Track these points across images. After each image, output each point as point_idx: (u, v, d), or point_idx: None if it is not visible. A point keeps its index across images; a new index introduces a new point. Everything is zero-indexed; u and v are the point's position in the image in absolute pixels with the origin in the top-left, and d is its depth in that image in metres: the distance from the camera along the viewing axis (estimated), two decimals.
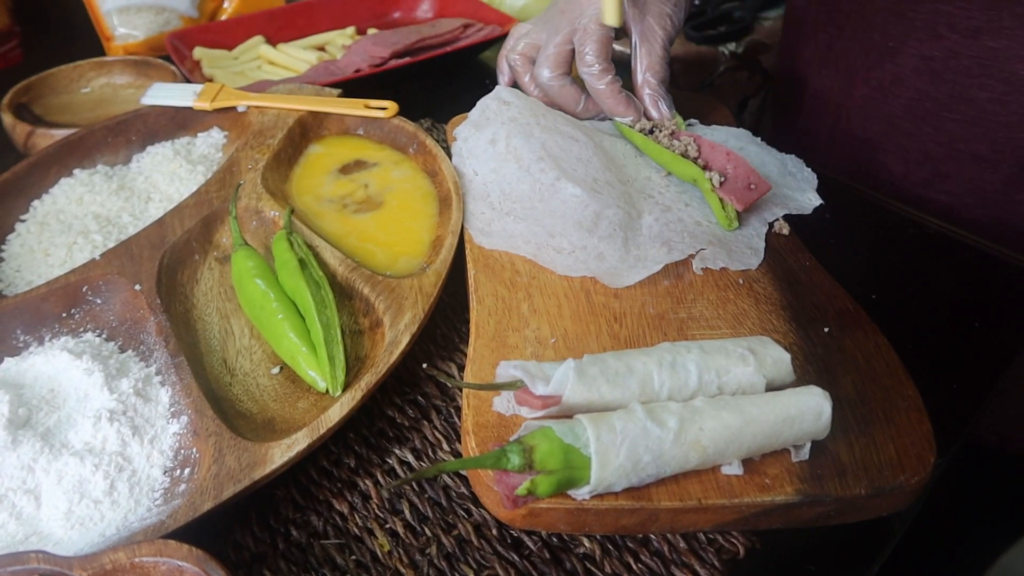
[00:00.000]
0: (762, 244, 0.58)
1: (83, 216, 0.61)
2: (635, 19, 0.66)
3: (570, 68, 0.67)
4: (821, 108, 0.82)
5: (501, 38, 0.89)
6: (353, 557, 0.44)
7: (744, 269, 0.56)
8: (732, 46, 1.06)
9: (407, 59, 0.84)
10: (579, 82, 0.68)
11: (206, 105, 0.69)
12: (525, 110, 0.65)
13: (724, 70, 1.05)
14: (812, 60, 0.82)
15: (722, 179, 0.59)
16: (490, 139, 0.63)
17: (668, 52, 0.67)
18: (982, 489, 0.84)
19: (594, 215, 0.57)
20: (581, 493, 0.40)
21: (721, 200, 0.59)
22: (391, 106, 0.68)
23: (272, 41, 0.91)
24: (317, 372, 0.49)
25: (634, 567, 0.44)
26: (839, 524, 0.44)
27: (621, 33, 0.66)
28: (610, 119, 0.68)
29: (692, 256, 0.56)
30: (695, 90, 1.02)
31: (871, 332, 0.52)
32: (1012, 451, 0.82)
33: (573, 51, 0.66)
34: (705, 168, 0.60)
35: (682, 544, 0.45)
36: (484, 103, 0.67)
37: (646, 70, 0.65)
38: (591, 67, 0.64)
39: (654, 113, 0.66)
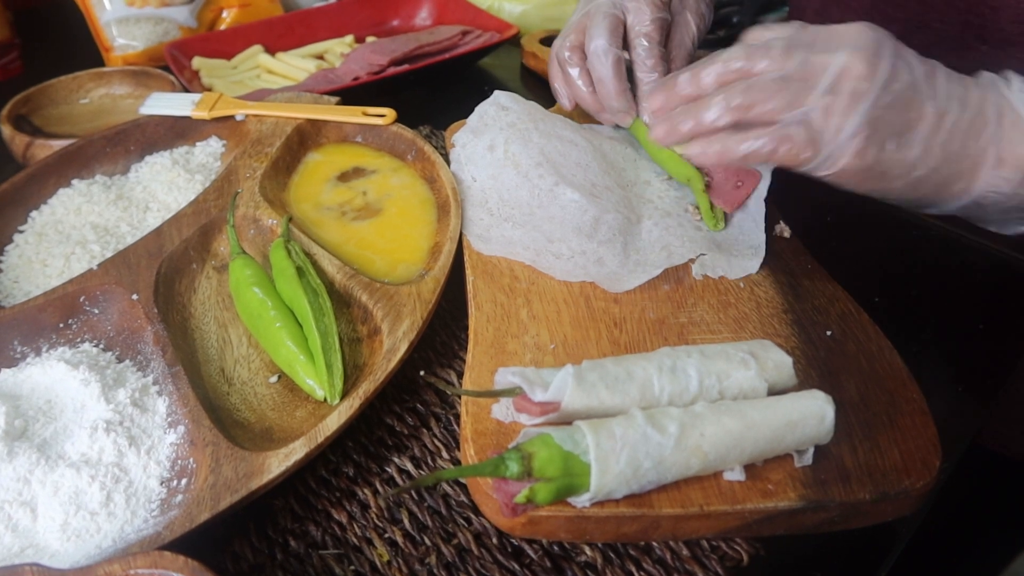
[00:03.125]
0: (762, 249, 0.57)
1: (81, 226, 0.61)
2: (676, 9, 0.65)
3: (623, 43, 0.63)
4: None
5: (500, 44, 0.89)
6: (352, 567, 0.44)
7: (743, 276, 0.55)
8: None
9: (406, 66, 0.84)
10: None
11: (204, 114, 0.69)
12: (523, 115, 0.65)
13: None
14: None
15: (708, 180, 0.59)
16: (488, 145, 0.63)
17: (695, 47, 0.66)
18: (990, 493, 0.83)
19: (593, 220, 0.57)
20: (581, 500, 0.40)
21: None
22: (389, 113, 0.68)
23: (271, 50, 0.91)
24: (315, 380, 0.48)
25: (636, 575, 0.43)
26: (844, 530, 0.43)
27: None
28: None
29: (692, 261, 0.56)
30: None
31: (874, 335, 0.52)
32: (1019, 457, 0.81)
33: (624, 25, 0.63)
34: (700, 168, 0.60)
35: (685, 551, 0.44)
36: (482, 109, 0.67)
37: (673, 59, 0.64)
38: (648, 51, 0.62)
39: None
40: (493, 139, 0.63)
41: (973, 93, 0.48)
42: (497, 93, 0.68)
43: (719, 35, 1.06)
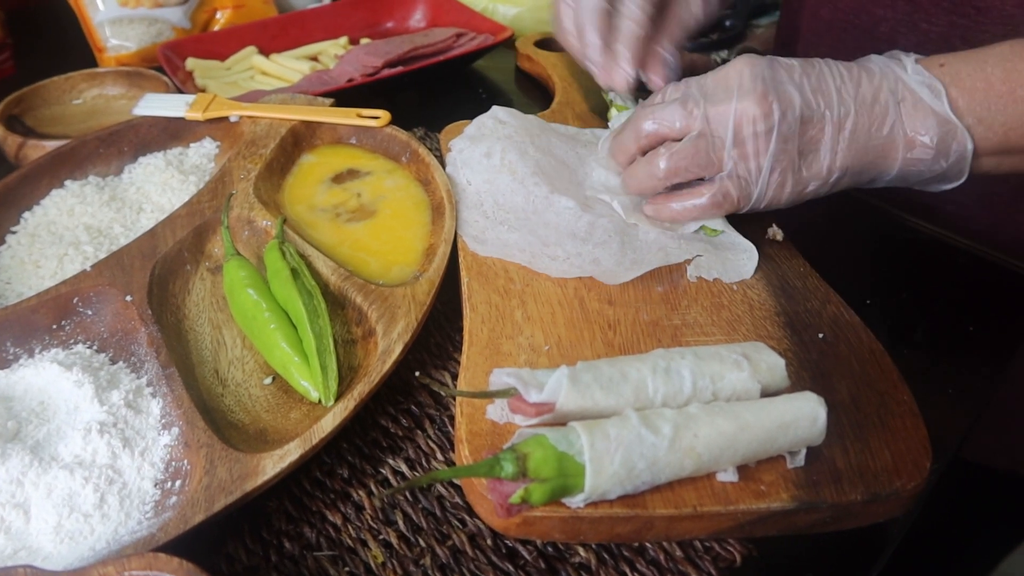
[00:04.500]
0: (754, 252, 0.57)
1: (74, 227, 0.61)
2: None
3: None
4: None
5: (494, 47, 0.89)
6: (347, 569, 0.44)
7: (738, 280, 0.56)
8: (724, 54, 1.06)
9: (400, 68, 0.84)
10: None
11: (198, 115, 0.69)
12: (520, 130, 0.66)
13: None
14: None
15: None
16: (485, 152, 0.63)
17: (689, 33, 0.66)
18: (981, 494, 0.84)
19: (588, 225, 0.57)
20: (575, 501, 0.40)
21: None
22: (384, 115, 0.68)
23: (265, 51, 0.90)
24: (309, 382, 0.49)
25: None
26: (836, 531, 0.44)
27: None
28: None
29: (688, 262, 0.56)
30: None
31: (866, 337, 0.52)
32: (1003, 469, 0.81)
33: None
34: None
35: (678, 552, 0.44)
36: (480, 121, 0.68)
37: (666, 32, 0.65)
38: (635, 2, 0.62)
39: (656, 76, 0.64)
40: (490, 147, 0.63)
41: (865, 87, 0.51)
42: (495, 108, 0.69)
43: (712, 38, 1.06)
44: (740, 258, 0.57)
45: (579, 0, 0.64)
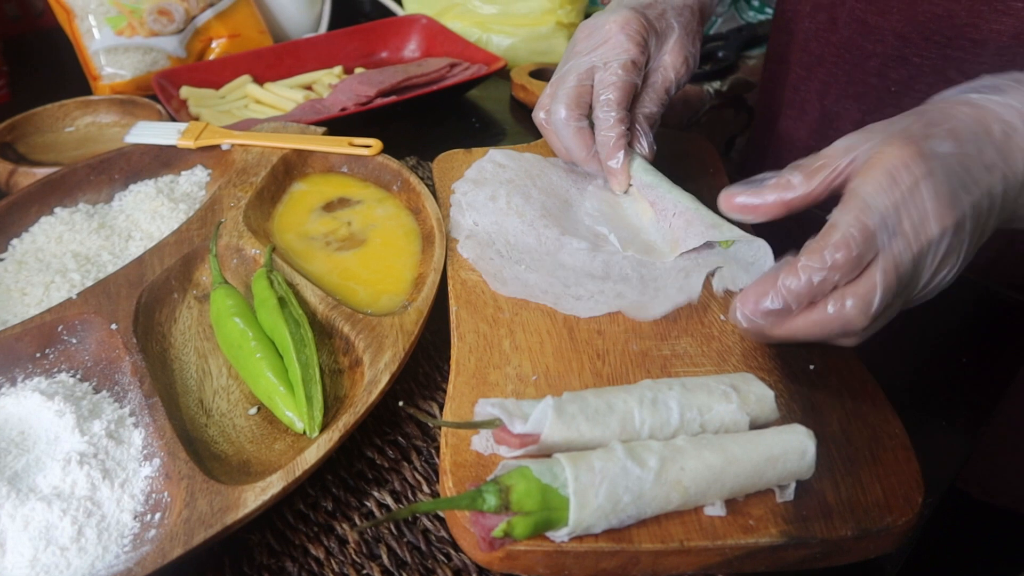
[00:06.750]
0: (767, 246, 0.56)
1: (62, 255, 0.61)
2: (652, 67, 0.65)
3: (588, 109, 0.64)
4: (799, 149, 0.82)
5: (487, 77, 0.90)
6: None
7: None
8: (717, 84, 1.07)
9: (393, 98, 0.85)
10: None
11: (190, 143, 0.69)
12: (521, 172, 0.67)
13: (709, 108, 1.06)
14: (789, 100, 0.82)
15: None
16: (490, 196, 0.63)
17: (670, 95, 0.66)
18: (974, 530, 0.83)
19: (603, 264, 0.58)
20: (559, 535, 0.39)
21: None
22: (375, 144, 0.68)
23: (259, 80, 0.91)
24: (294, 412, 0.48)
25: None
26: (827, 567, 0.43)
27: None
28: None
29: (711, 276, 0.56)
30: (682, 128, 1.03)
31: (857, 369, 0.51)
32: (999, 504, 0.80)
33: (592, 90, 0.63)
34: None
35: None
36: (480, 165, 0.68)
37: (640, 106, 0.65)
38: (608, 113, 0.62)
39: (636, 147, 0.65)
40: (494, 191, 0.64)
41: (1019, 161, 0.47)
42: (492, 152, 0.69)
43: (705, 69, 1.07)
44: (758, 256, 0.57)
45: (558, 130, 0.64)
